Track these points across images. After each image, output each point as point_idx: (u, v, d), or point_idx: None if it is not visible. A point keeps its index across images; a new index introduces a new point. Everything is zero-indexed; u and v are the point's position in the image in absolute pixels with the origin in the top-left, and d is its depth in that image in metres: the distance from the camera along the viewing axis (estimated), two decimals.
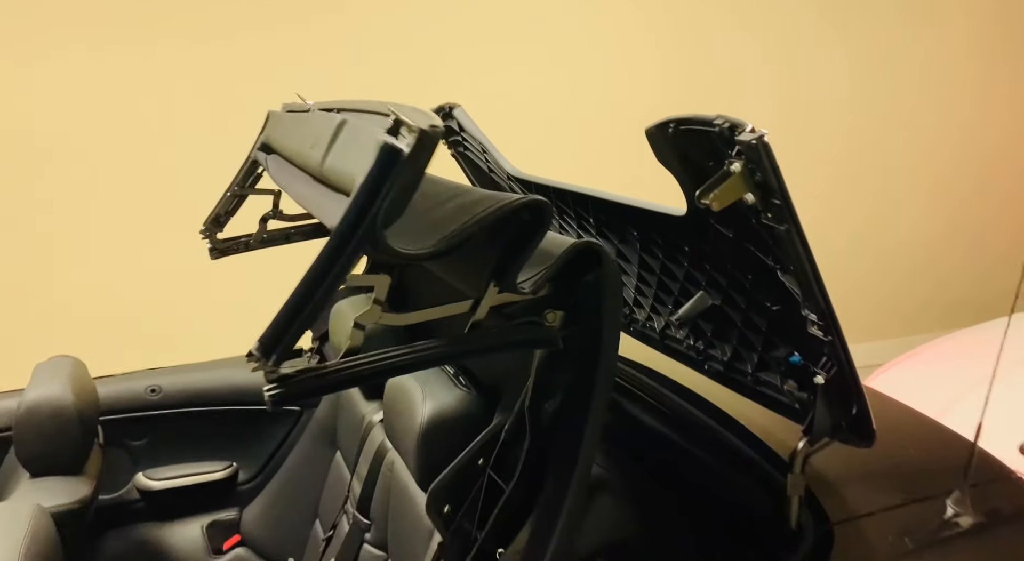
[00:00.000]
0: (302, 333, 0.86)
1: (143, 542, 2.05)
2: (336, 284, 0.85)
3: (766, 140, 0.98)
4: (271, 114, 1.75)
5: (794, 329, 1.19)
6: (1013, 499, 1.41)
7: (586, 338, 1.12)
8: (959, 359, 2.61)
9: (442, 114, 2.03)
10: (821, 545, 1.26)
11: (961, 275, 4.64)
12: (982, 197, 4.61)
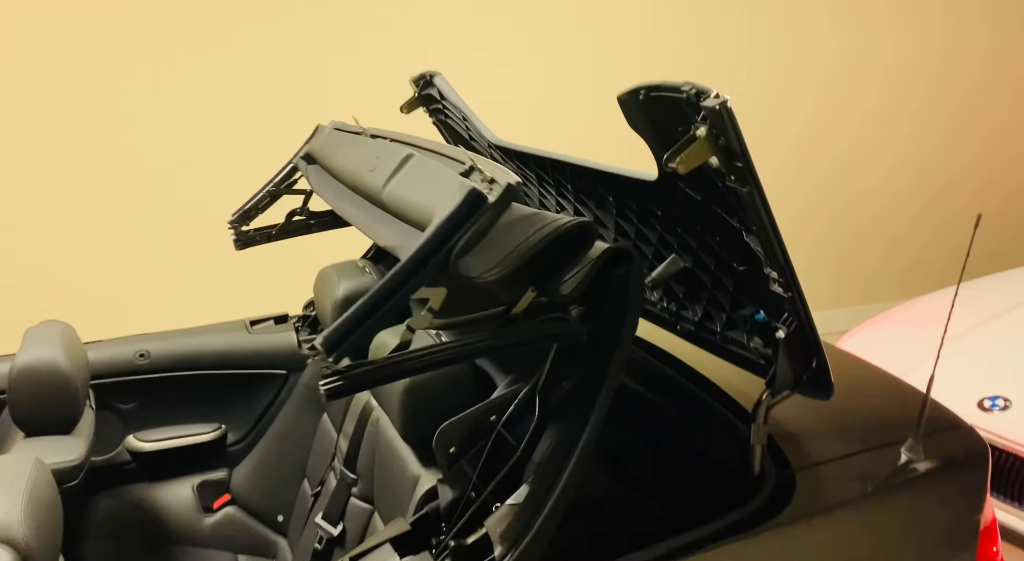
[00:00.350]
0: (363, 338, 1.00)
1: (135, 502, 2.11)
2: (402, 300, 1.00)
3: (729, 105, 1.03)
4: (319, 128, 1.95)
5: (758, 288, 1.25)
6: (963, 447, 1.49)
7: (606, 330, 1.20)
8: (924, 323, 2.71)
9: (422, 82, 2.07)
10: (783, 490, 1.33)
11: (920, 242, 4.75)
12: (946, 162, 4.70)
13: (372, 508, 1.66)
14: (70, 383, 1.68)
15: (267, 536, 2.15)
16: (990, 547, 1.43)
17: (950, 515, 1.43)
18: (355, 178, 1.53)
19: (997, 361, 2.39)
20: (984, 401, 2.25)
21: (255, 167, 3.20)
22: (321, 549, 1.70)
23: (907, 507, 1.40)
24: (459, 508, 1.21)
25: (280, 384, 2.21)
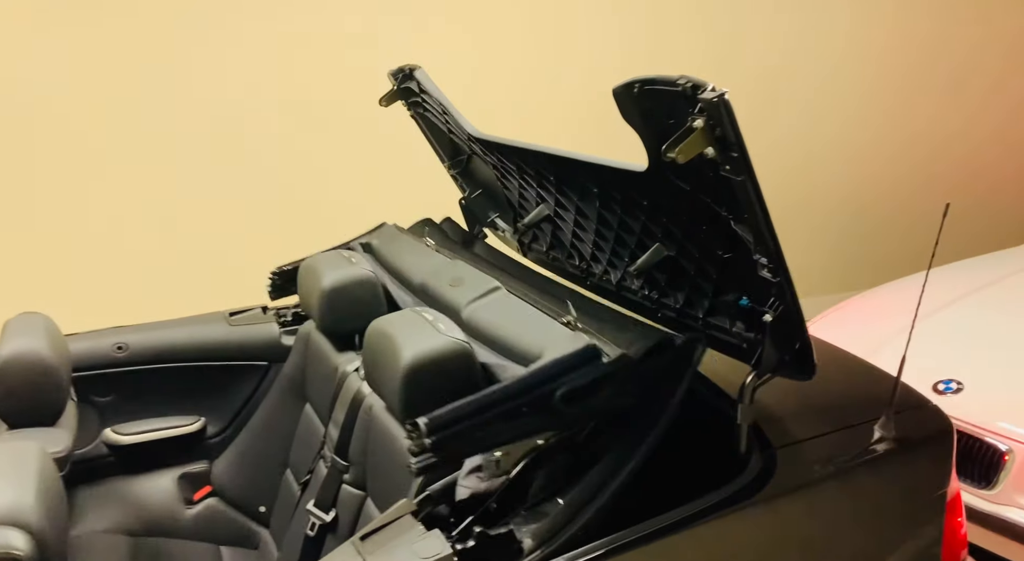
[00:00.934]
0: (464, 437, 1.20)
1: (115, 495, 2.09)
2: (504, 415, 1.23)
3: (727, 98, 1.09)
4: (385, 226, 2.23)
5: (743, 274, 1.32)
6: (930, 424, 1.60)
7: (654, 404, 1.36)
8: (881, 312, 2.85)
9: (402, 76, 2.09)
10: (766, 468, 1.41)
11: (867, 235, 4.93)
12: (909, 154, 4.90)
13: (365, 494, 1.69)
14: (55, 374, 1.67)
15: (249, 527, 2.16)
16: (955, 518, 1.53)
17: (919, 488, 1.52)
18: (426, 284, 1.87)
19: (950, 346, 2.53)
20: (938, 384, 2.38)
21: (230, 158, 3.19)
22: (313, 535, 1.72)
23: (880, 481, 1.50)
24: (482, 498, 1.26)
25: (261, 375, 2.21)
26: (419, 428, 1.17)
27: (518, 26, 3.60)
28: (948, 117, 4.96)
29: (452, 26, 3.47)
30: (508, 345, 1.55)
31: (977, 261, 3.27)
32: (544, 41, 3.68)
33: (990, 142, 5.16)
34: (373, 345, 1.56)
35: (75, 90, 2.93)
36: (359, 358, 1.89)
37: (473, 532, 1.19)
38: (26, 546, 1.05)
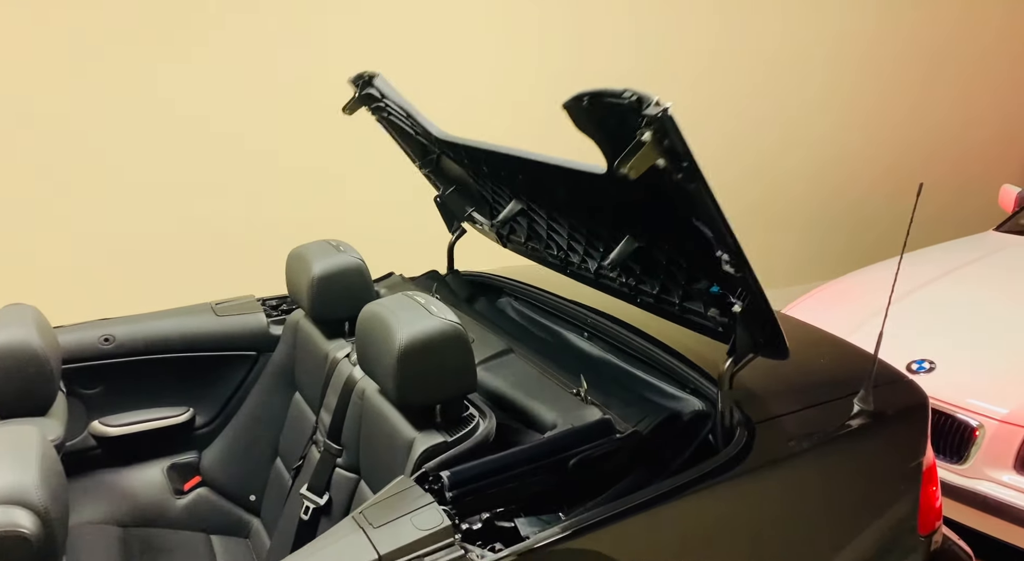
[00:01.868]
0: (480, 493, 1.27)
1: (104, 487, 2.09)
2: (517, 477, 1.33)
3: (670, 113, 1.13)
4: (393, 275, 2.36)
5: (711, 266, 1.37)
6: (907, 398, 1.66)
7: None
8: (854, 296, 2.92)
9: (361, 82, 2.11)
10: (747, 442, 1.45)
11: (834, 225, 5.03)
12: (857, 147, 5.00)
13: (358, 477, 1.71)
14: (45, 365, 1.67)
15: (240, 516, 2.16)
16: (931, 487, 1.60)
17: (897, 458, 1.59)
18: None
19: (923, 327, 2.61)
20: (912, 364, 2.45)
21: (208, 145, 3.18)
22: (307, 519, 1.74)
23: (859, 452, 1.56)
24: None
25: (249, 365, 2.21)
26: (442, 482, 1.27)
27: (481, 28, 3.63)
28: (921, 108, 5.08)
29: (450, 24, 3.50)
30: (520, 410, 1.64)
31: (947, 246, 3.37)
32: (512, 42, 3.71)
33: (960, 133, 5.29)
34: (366, 329, 1.58)
35: (63, 81, 2.90)
36: (349, 345, 1.91)
37: (470, 507, 1.22)
38: (32, 525, 1.06)
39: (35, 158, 2.95)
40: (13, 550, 1.03)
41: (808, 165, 4.77)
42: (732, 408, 1.50)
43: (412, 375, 1.46)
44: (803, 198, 4.82)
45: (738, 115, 4.39)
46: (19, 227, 2.97)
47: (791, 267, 4.85)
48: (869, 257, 3.43)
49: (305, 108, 3.29)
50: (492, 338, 1.92)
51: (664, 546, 1.34)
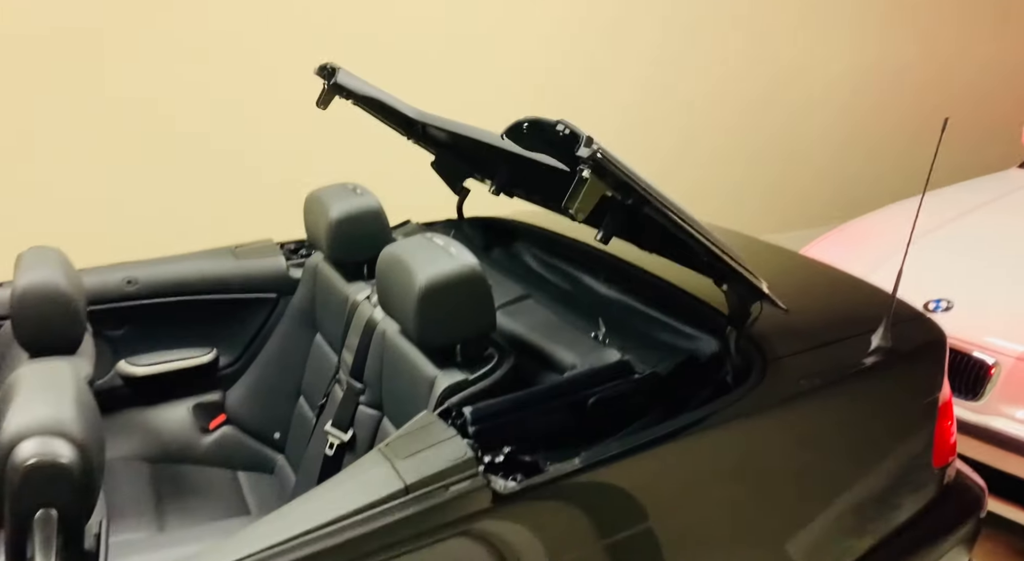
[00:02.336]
0: (500, 430, 1.27)
1: (132, 425, 2.15)
2: (537, 415, 1.35)
3: (600, 156, 1.10)
4: (410, 223, 2.31)
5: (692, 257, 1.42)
6: (924, 335, 1.67)
7: None
8: (872, 236, 2.91)
9: (326, 73, 2.09)
10: (761, 380, 1.47)
11: (851, 166, 4.96)
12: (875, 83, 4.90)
13: (381, 414, 1.75)
14: (72, 304, 1.69)
15: (265, 453, 2.22)
16: (946, 421, 1.62)
17: (914, 393, 1.60)
18: None
19: (940, 267, 2.60)
20: (928, 303, 2.45)
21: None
22: (332, 454, 1.78)
23: (876, 388, 1.57)
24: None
25: (271, 308, 2.24)
26: (464, 417, 1.29)
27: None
28: (945, 45, 4.95)
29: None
30: (539, 352, 1.65)
31: (969, 185, 3.33)
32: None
33: (985, 70, 5.16)
34: (387, 271, 1.59)
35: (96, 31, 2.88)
36: (369, 287, 1.93)
37: (491, 442, 1.25)
38: (71, 454, 1.09)
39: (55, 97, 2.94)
40: (54, 479, 1.07)
41: (828, 104, 4.68)
42: (747, 347, 1.51)
43: (433, 315, 1.49)
44: (822, 137, 4.75)
45: (754, 45, 4.30)
46: (32, 171, 2.99)
47: (810, 207, 4.81)
48: (889, 198, 3.39)
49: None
50: (509, 284, 1.93)
51: (680, 481, 1.37)
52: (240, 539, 1.11)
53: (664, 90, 4.15)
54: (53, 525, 1.06)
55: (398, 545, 1.13)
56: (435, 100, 2.12)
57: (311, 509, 1.15)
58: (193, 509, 1.95)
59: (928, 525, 1.60)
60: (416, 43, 3.45)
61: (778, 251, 2.07)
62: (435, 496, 1.17)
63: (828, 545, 1.50)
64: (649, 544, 1.31)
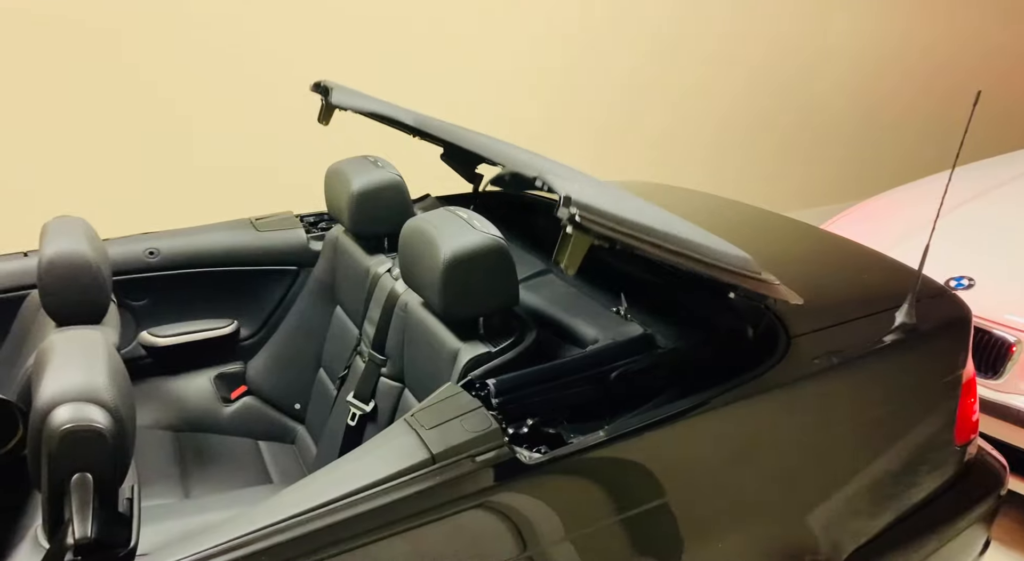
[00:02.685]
0: (524, 402, 1.28)
1: (155, 394, 2.17)
2: (560, 388, 1.36)
3: (578, 220, 1.08)
4: (429, 197, 2.29)
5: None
6: (949, 311, 1.66)
7: None
8: (895, 212, 2.88)
9: (320, 90, 2.09)
10: (784, 354, 1.47)
11: (875, 142, 4.91)
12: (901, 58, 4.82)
13: (402, 386, 1.76)
14: (98, 274, 1.70)
15: (285, 423, 2.25)
16: (968, 399, 1.61)
17: (937, 370, 1.60)
18: None
19: (962, 244, 2.58)
20: (950, 281, 2.43)
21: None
22: (354, 425, 1.80)
23: (900, 364, 1.57)
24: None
25: (291, 280, 2.25)
26: (489, 389, 1.30)
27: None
28: (963, 20, 4.86)
29: None
30: (560, 326, 1.65)
31: (992, 162, 3.29)
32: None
33: (1005, 46, 5.07)
34: (410, 243, 1.59)
35: None
36: (389, 260, 1.93)
37: (515, 414, 1.26)
38: (105, 420, 1.11)
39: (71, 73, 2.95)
40: (90, 444, 1.09)
41: (851, 82, 4.62)
42: (770, 323, 1.51)
43: (456, 288, 1.49)
44: (843, 114, 4.69)
45: (777, 22, 4.24)
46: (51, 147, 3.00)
47: (831, 184, 4.77)
48: (910, 175, 3.36)
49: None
50: (529, 257, 1.93)
51: (701, 455, 1.38)
52: (268, 506, 1.12)
53: (683, 69, 4.11)
54: (89, 488, 1.08)
55: (423, 514, 1.15)
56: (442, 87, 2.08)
57: (338, 477, 1.17)
58: (217, 477, 1.98)
59: (948, 502, 1.61)
60: (421, 38, 3.42)
61: (801, 227, 2.05)
62: (461, 466, 1.18)
63: (848, 520, 1.51)
64: (670, 517, 1.32)
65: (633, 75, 3.98)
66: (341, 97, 2.04)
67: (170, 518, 1.65)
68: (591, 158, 4.03)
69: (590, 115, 3.97)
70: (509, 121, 3.73)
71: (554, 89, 3.82)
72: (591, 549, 1.24)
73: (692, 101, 4.20)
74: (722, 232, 1.98)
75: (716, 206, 2.23)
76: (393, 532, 1.13)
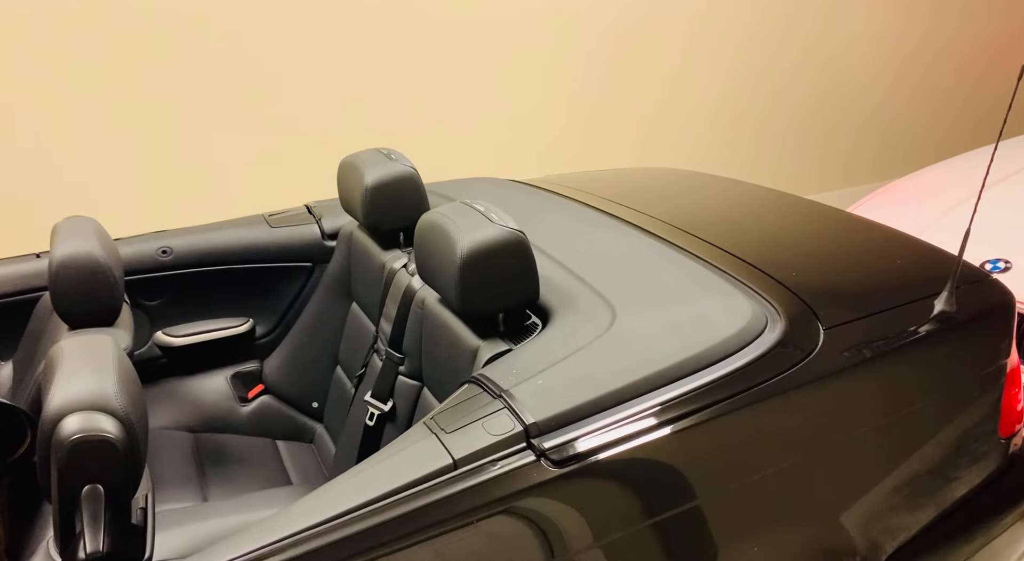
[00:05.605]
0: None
1: (171, 394, 2.15)
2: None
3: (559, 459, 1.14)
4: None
5: None
6: (991, 297, 1.58)
7: None
8: (931, 191, 2.79)
9: None
10: (814, 346, 1.40)
11: (898, 122, 4.81)
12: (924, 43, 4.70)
13: (421, 384, 1.72)
14: (109, 275, 1.67)
15: (304, 422, 2.22)
16: (1014, 389, 1.54)
17: (980, 360, 1.52)
18: None
19: (997, 225, 2.48)
20: (985, 264, 2.35)
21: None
22: (373, 425, 1.76)
23: (941, 354, 1.50)
24: None
25: (306, 277, 2.22)
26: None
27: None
28: (981, 11, 4.74)
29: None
30: None
31: (1017, 141, 3.18)
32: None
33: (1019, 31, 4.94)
34: (426, 238, 1.54)
35: None
36: (405, 255, 1.89)
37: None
38: (115, 429, 1.07)
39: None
40: (100, 455, 1.05)
41: (877, 64, 4.52)
42: (802, 314, 1.45)
43: (474, 284, 1.44)
44: (861, 95, 4.59)
45: (809, 12, 4.14)
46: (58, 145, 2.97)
47: (852, 167, 4.67)
48: (931, 157, 3.27)
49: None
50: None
51: (733, 452, 1.32)
52: (288, 515, 1.08)
53: (708, 54, 4.02)
54: (100, 501, 1.04)
55: (446, 522, 1.10)
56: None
57: (356, 485, 1.12)
58: (235, 478, 1.95)
59: (992, 497, 1.54)
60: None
61: (828, 211, 1.98)
62: (485, 471, 1.13)
63: (887, 519, 1.44)
64: (703, 521, 1.26)
65: (658, 72, 3.90)
66: None
67: (188, 523, 1.62)
68: (628, 145, 3.97)
69: (630, 103, 3.91)
70: (555, 108, 3.67)
71: (594, 80, 3.77)
72: (622, 555, 1.19)
73: (712, 87, 4.12)
74: (745, 218, 1.92)
75: (738, 192, 2.16)
76: (414, 541, 1.08)
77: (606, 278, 1.59)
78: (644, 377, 1.29)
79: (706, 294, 1.52)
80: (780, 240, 1.79)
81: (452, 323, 1.57)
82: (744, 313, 1.45)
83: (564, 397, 1.24)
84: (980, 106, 4.87)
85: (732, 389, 1.30)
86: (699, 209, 2.00)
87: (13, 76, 2.79)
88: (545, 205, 2.07)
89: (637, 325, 1.42)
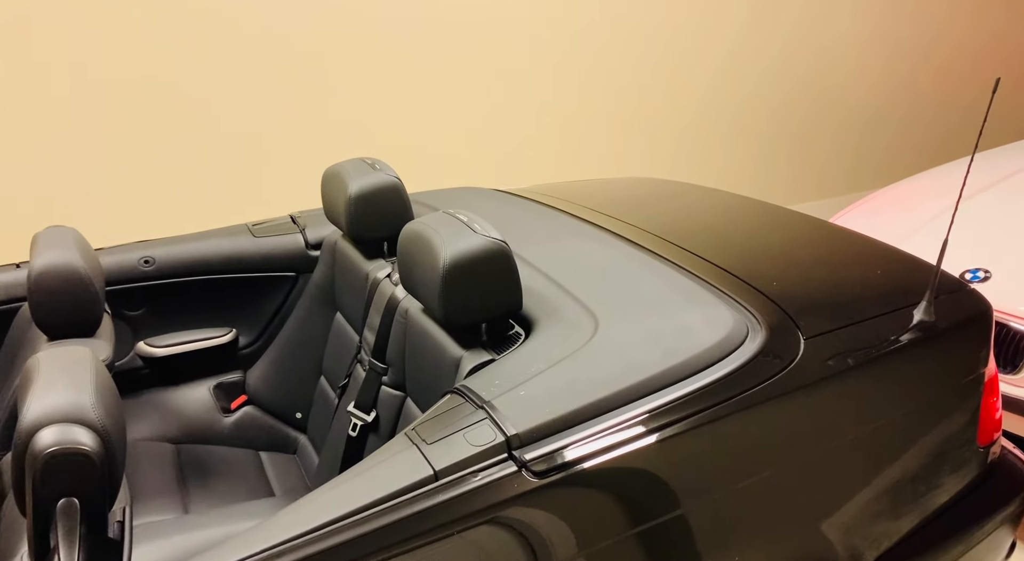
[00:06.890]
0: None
1: (153, 405, 2.13)
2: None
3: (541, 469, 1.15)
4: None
5: None
6: (969, 307, 1.60)
7: None
8: (904, 204, 2.82)
9: None
10: (794, 357, 1.41)
11: (878, 134, 4.86)
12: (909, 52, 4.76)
13: (404, 395, 1.71)
14: (90, 285, 1.66)
15: (287, 433, 2.20)
16: (992, 398, 1.56)
17: (958, 369, 1.54)
18: None
19: (976, 235, 2.51)
20: (965, 273, 2.37)
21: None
22: (356, 435, 1.76)
23: (919, 363, 1.51)
24: None
25: (289, 286, 2.21)
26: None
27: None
28: (961, 17, 4.80)
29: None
30: None
31: (1003, 150, 3.22)
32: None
33: (1000, 37, 5.00)
34: (409, 248, 1.54)
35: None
36: (389, 265, 1.88)
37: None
38: (92, 442, 1.06)
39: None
40: (75, 468, 1.04)
41: (856, 74, 4.56)
42: (782, 324, 1.45)
43: (457, 294, 1.44)
44: (857, 106, 4.63)
45: (784, 16, 4.18)
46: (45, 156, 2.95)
47: (843, 176, 4.71)
48: (916, 167, 3.31)
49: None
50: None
51: (714, 462, 1.32)
52: (268, 527, 1.07)
53: (686, 61, 4.05)
54: (76, 514, 1.03)
55: (427, 533, 1.10)
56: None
57: (335, 497, 1.11)
58: (217, 490, 1.93)
59: (972, 505, 1.55)
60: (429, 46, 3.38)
61: (810, 221, 1.99)
62: (466, 482, 1.13)
63: (868, 527, 1.45)
64: (686, 529, 1.27)
65: (634, 77, 3.92)
66: None
67: (168, 535, 1.61)
68: (604, 152, 3.98)
69: (605, 109, 3.92)
70: (527, 114, 3.68)
71: (569, 85, 3.78)
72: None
73: (690, 95, 4.14)
74: (727, 229, 1.93)
75: (721, 202, 2.18)
76: (395, 553, 1.08)
77: (589, 288, 1.60)
78: (626, 387, 1.29)
79: (688, 304, 1.52)
80: (761, 250, 1.80)
81: (435, 333, 1.57)
82: (725, 323, 1.45)
83: (546, 408, 1.24)
84: (961, 118, 4.93)
85: (713, 399, 1.30)
86: (682, 219, 2.02)
87: None
88: (529, 215, 2.07)
89: (619, 335, 1.42)
